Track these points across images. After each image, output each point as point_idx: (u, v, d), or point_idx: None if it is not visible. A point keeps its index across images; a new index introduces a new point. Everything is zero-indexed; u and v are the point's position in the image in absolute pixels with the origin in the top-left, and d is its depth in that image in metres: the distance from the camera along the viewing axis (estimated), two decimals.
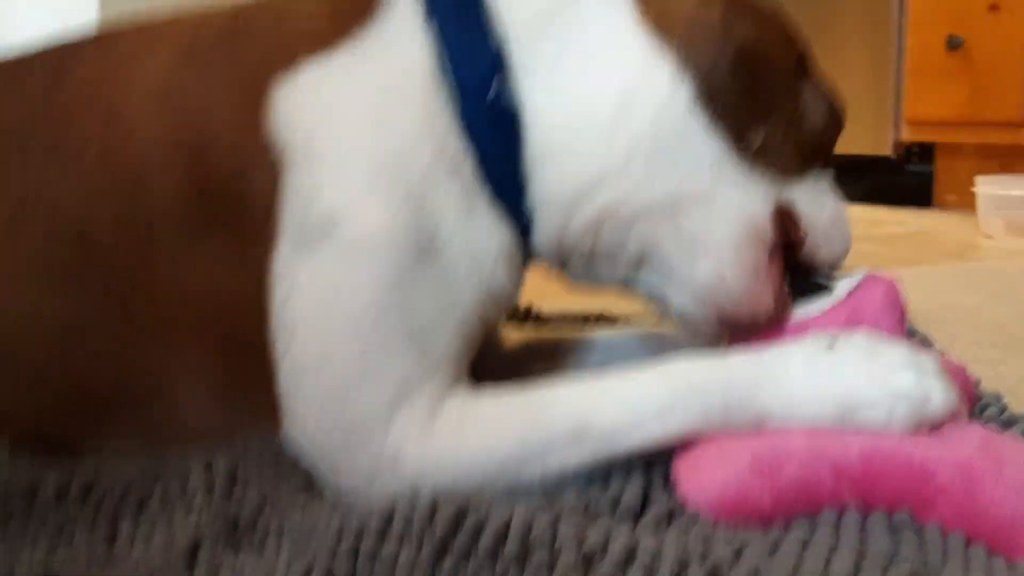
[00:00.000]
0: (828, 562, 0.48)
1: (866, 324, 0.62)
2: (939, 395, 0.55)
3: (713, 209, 0.62)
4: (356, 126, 0.57)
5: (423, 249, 0.57)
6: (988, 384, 0.75)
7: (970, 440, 0.53)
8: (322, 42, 0.59)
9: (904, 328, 0.66)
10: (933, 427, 0.54)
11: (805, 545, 0.50)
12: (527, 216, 0.62)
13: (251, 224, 0.57)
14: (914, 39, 2.50)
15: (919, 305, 0.68)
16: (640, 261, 0.64)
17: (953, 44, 2.38)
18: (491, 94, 0.59)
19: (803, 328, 0.64)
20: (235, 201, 0.57)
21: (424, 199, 0.57)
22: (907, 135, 2.55)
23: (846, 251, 0.69)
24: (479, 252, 0.60)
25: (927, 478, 0.52)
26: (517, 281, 0.65)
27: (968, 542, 0.50)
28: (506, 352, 0.81)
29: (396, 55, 0.59)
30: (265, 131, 0.57)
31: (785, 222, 0.65)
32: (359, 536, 0.49)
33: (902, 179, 2.63)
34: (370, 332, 0.55)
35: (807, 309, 0.65)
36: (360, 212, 0.56)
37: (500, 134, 0.60)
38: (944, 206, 2.53)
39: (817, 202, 0.67)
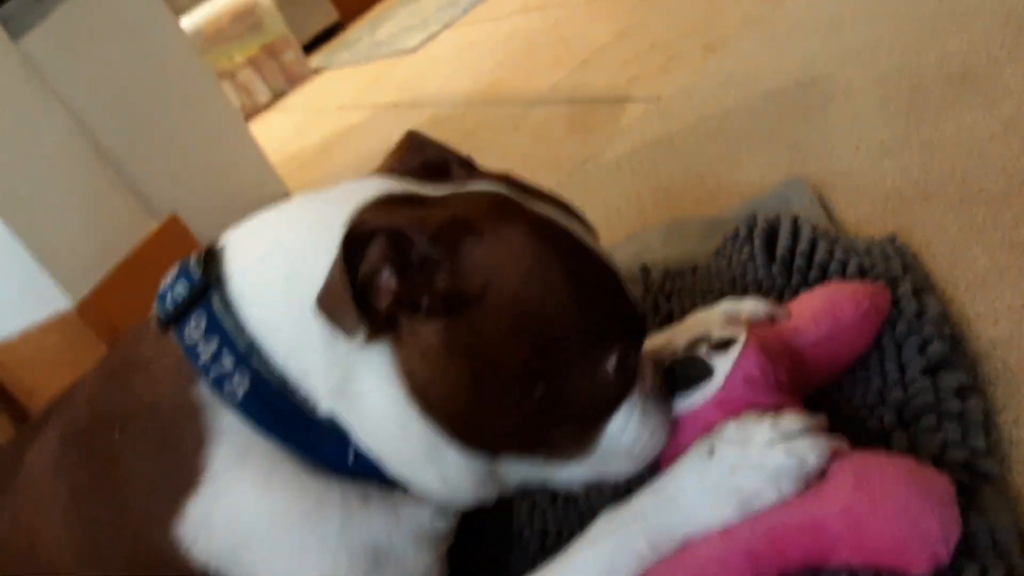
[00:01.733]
0: None
1: (743, 403, 0.72)
2: (810, 452, 0.65)
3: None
4: (262, 530, 0.67)
5: (374, 564, 0.69)
6: None
7: (846, 484, 0.62)
8: (186, 479, 0.67)
9: (777, 387, 0.73)
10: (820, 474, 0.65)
11: None
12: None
13: None
14: None
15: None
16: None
17: None
18: (349, 456, 0.69)
19: (695, 420, 0.73)
20: None
21: (355, 536, 0.69)
22: None
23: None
24: (419, 529, 0.72)
25: (821, 532, 0.62)
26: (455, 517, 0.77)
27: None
28: None
29: (254, 465, 0.67)
30: (195, 561, 0.67)
31: None
32: None
33: None
34: None
35: (692, 400, 0.74)
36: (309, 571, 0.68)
37: (374, 470, 0.69)
38: None
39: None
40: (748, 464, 0.66)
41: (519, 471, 0.73)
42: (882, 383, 0.78)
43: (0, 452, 0.86)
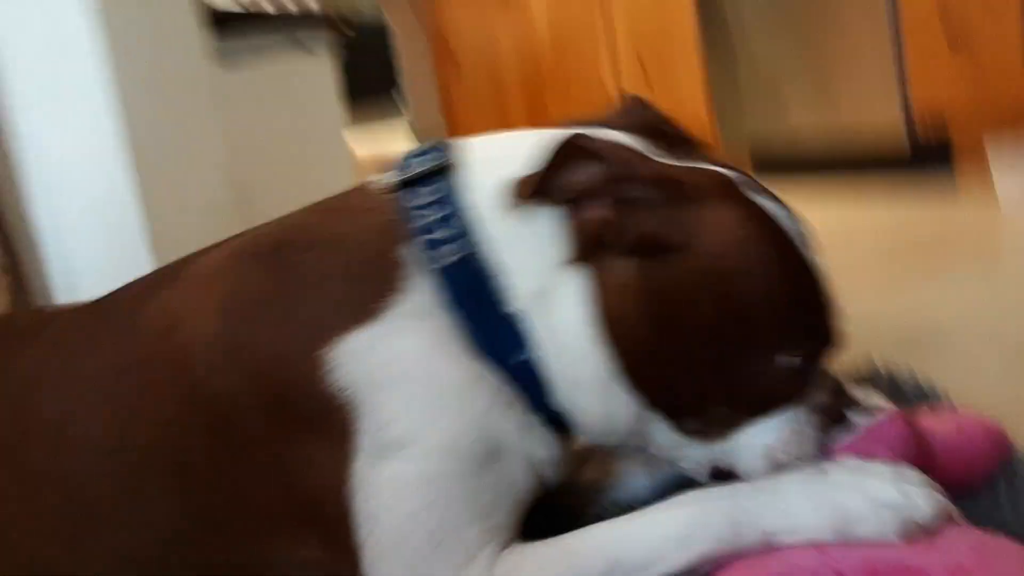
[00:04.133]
0: None
1: (876, 455, 0.68)
2: (924, 502, 0.63)
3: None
4: (413, 378, 0.68)
5: (488, 457, 0.69)
6: None
7: (963, 543, 0.59)
8: (363, 311, 0.69)
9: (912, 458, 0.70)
10: (927, 533, 0.61)
11: None
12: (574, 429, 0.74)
13: (330, 448, 0.68)
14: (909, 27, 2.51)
15: (949, 324, 0.71)
16: None
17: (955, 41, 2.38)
18: (518, 357, 0.71)
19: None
20: (313, 433, 0.69)
21: (487, 427, 0.69)
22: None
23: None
24: (533, 458, 0.72)
25: None
26: (564, 464, 0.77)
27: None
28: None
29: (430, 327, 0.70)
30: (332, 383, 0.68)
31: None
32: None
33: (917, 154, 2.58)
34: (443, 513, 0.66)
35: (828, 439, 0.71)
36: (431, 434, 0.68)
37: (532, 382, 0.71)
38: (962, 176, 2.48)
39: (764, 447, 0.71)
40: (858, 488, 0.64)
41: (662, 434, 0.73)
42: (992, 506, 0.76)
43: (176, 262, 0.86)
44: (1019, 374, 0.77)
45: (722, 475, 0.72)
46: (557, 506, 0.81)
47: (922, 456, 0.72)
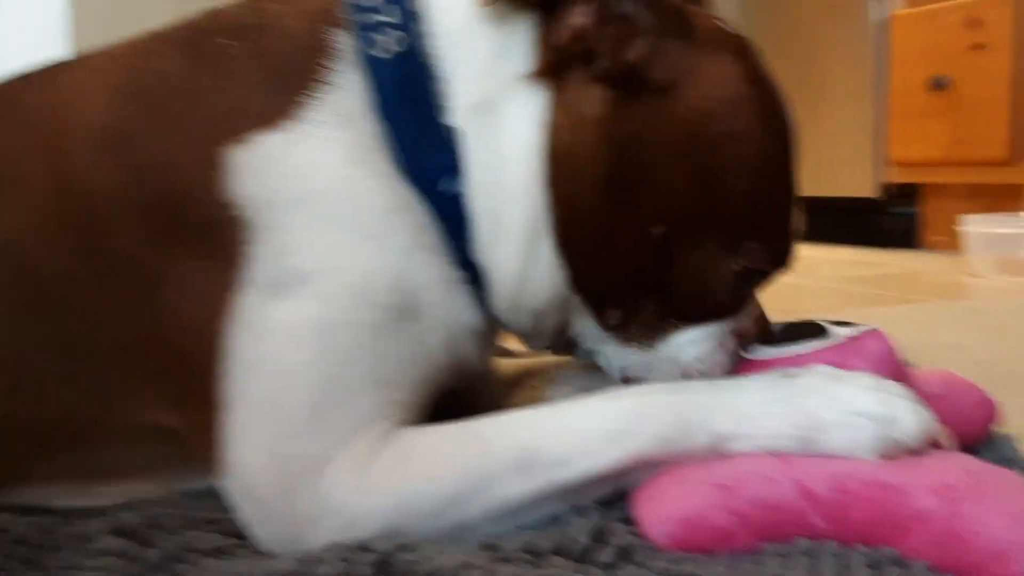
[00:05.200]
0: None
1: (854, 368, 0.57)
2: (909, 417, 0.51)
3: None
4: (325, 199, 0.56)
5: (400, 312, 0.56)
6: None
7: (953, 466, 0.49)
8: (276, 109, 0.56)
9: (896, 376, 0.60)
10: (909, 453, 0.50)
11: None
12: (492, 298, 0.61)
13: (211, 275, 0.55)
14: (898, 80, 2.49)
15: (914, 341, 0.63)
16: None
17: (938, 84, 2.36)
18: (449, 186, 0.58)
19: (787, 364, 0.59)
20: (195, 253, 0.56)
21: (405, 274, 0.56)
22: (891, 176, 2.53)
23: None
24: (453, 326, 0.59)
25: (903, 502, 0.47)
26: (488, 350, 0.66)
27: None
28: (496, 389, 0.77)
29: (352, 137, 0.57)
30: (226, 193, 0.55)
31: None
32: None
33: (887, 221, 2.60)
34: (334, 372, 0.53)
35: (797, 347, 0.60)
36: (336, 273, 0.55)
37: (461, 223, 0.58)
38: (930, 247, 2.49)
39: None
40: (831, 394, 0.53)
41: (583, 325, 0.61)
42: None
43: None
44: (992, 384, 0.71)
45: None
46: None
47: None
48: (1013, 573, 0.44)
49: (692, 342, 0.60)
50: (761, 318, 0.64)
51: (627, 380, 0.61)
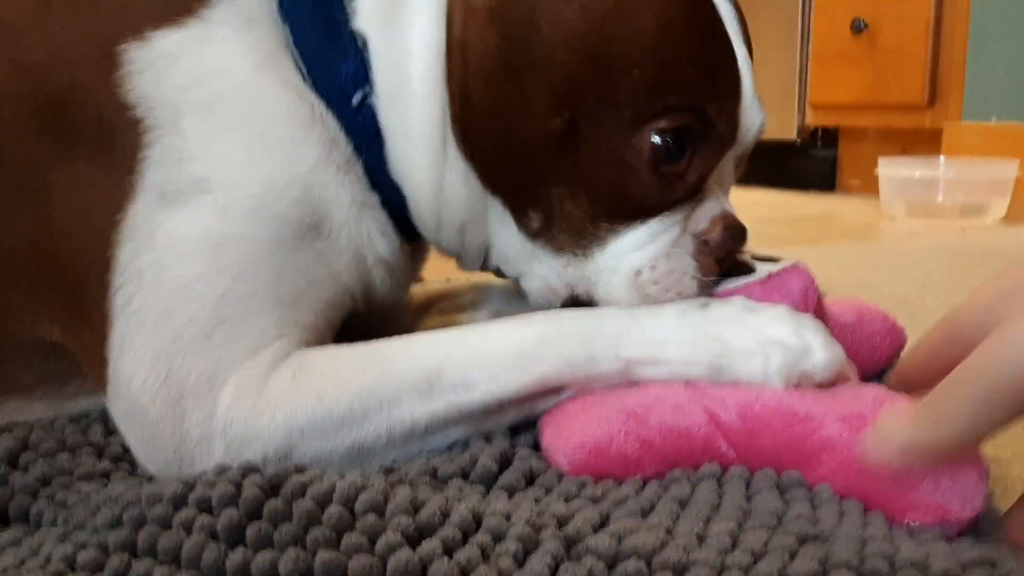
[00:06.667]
0: (708, 522, 0.42)
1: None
2: (820, 349, 0.49)
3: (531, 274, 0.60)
4: (228, 104, 0.53)
5: (307, 229, 0.54)
6: None
7: (863, 396, 0.47)
8: (178, 6, 0.54)
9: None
10: (820, 385, 0.49)
11: (683, 504, 0.44)
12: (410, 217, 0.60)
13: (103, 179, 0.52)
14: (819, 23, 2.50)
15: (827, 280, 0.63)
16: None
17: (857, 27, 2.37)
18: (359, 93, 0.55)
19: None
20: (86, 157, 0.52)
21: (313, 188, 0.54)
22: (812, 119, 2.54)
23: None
24: (363, 249, 0.57)
25: (811, 429, 0.46)
26: (404, 279, 0.64)
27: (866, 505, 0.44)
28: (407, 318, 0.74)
29: (258, 39, 0.54)
30: (122, 93, 0.52)
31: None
32: (151, 503, 0.41)
33: (807, 163, 2.62)
34: (231, 288, 0.51)
35: (723, 285, 0.58)
36: (238, 183, 0.52)
37: (375, 138, 0.56)
38: (848, 190, 2.53)
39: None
40: (743, 322, 0.51)
41: (505, 234, 0.58)
42: None
43: None
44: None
45: (579, 305, 0.57)
46: None
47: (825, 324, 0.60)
48: (917, 499, 0.43)
49: (633, 246, 0.55)
50: (734, 231, 0.57)
51: (572, 304, 0.58)
